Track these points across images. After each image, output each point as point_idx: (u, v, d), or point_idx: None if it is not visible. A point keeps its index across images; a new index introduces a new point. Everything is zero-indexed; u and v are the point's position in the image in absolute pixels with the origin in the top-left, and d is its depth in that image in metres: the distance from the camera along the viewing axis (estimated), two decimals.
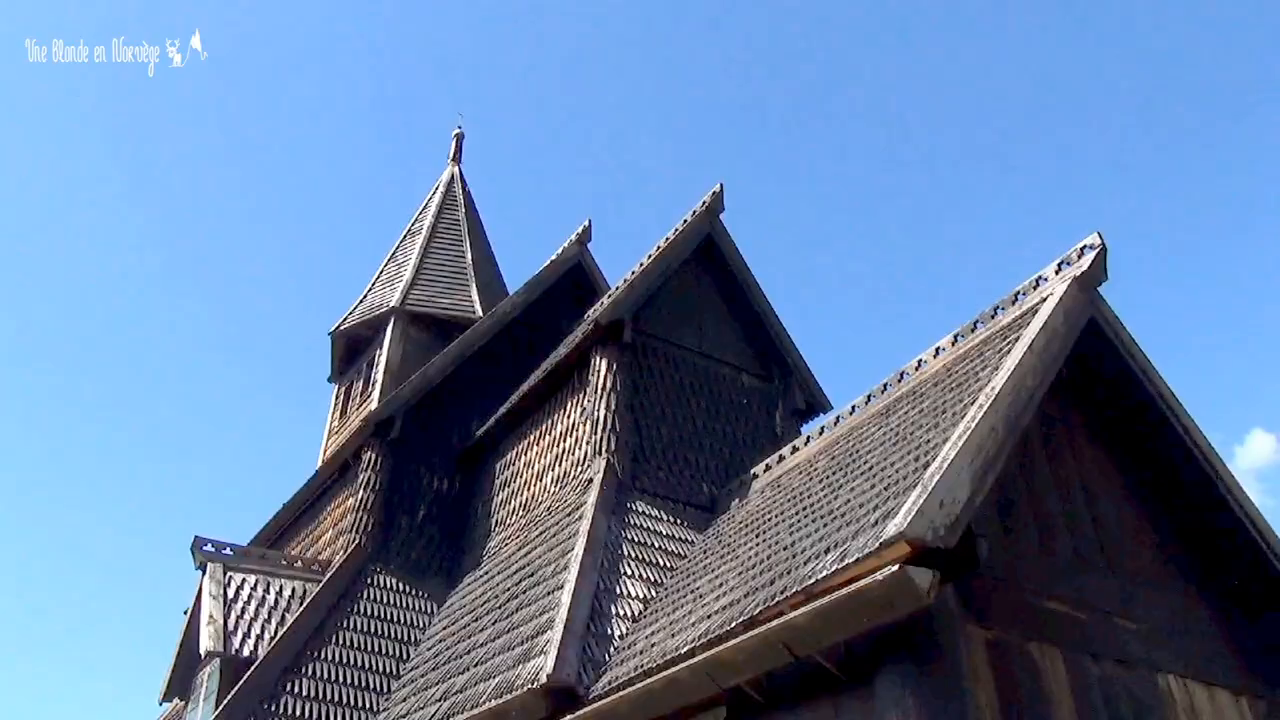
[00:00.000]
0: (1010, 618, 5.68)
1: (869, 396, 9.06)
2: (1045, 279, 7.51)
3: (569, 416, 11.57)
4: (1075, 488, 6.91)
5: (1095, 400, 7.40)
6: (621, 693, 6.34)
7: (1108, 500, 7.08)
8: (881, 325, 49.69)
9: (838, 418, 9.41)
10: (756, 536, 7.71)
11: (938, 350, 8.44)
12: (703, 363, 11.92)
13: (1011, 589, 5.83)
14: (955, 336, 8.31)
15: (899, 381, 8.76)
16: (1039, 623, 5.82)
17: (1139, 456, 7.38)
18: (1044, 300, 7.14)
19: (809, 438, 9.64)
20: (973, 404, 5.99)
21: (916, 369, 8.62)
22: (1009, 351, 6.55)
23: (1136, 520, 7.20)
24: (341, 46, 49.25)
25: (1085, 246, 7.31)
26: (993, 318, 7.91)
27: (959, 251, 46.63)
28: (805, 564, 5.68)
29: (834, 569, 5.11)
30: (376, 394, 14.72)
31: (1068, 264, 7.36)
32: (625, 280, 12.57)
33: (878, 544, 4.84)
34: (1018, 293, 7.78)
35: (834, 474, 7.68)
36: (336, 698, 9.67)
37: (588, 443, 10.67)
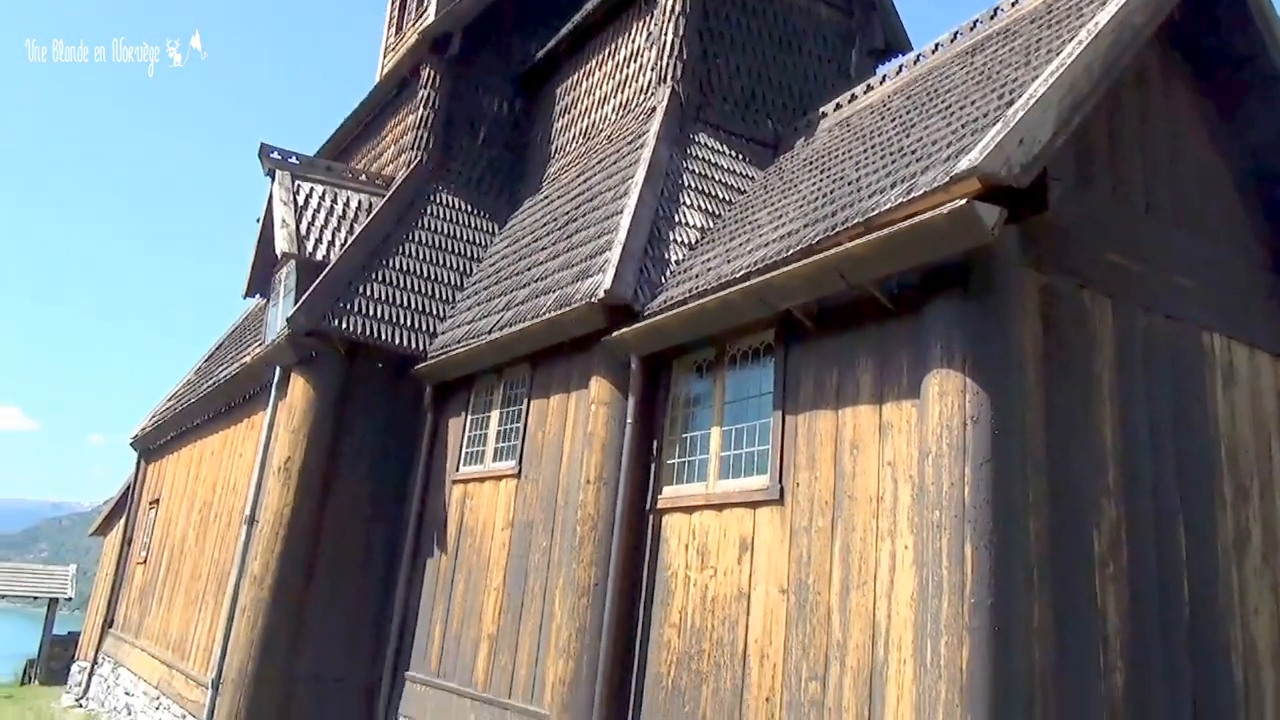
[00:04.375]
0: (1068, 265, 5.68)
1: (955, 34, 8.49)
2: None
3: (634, 41, 11.07)
4: (1161, 140, 6.61)
5: (1203, 47, 6.86)
6: (675, 310, 6.62)
7: (1191, 157, 6.79)
8: None
9: (918, 57, 8.90)
10: (820, 172, 7.61)
11: None
12: None
13: (1075, 237, 5.78)
14: None
15: (991, 19, 8.15)
16: (1096, 272, 5.83)
17: (1236, 115, 6.96)
18: None
19: (885, 77, 9.19)
20: (1071, 39, 5.59)
21: (1013, 5, 7.98)
22: None
23: (1217, 182, 6.94)
24: None
25: None
26: None
27: None
28: (869, 198, 5.64)
29: (898, 202, 5.07)
30: (433, 8, 14.07)
31: None
32: None
33: (948, 179, 4.75)
34: None
35: (908, 113, 7.40)
36: (404, 302, 10.25)
37: (652, 69, 10.29)
